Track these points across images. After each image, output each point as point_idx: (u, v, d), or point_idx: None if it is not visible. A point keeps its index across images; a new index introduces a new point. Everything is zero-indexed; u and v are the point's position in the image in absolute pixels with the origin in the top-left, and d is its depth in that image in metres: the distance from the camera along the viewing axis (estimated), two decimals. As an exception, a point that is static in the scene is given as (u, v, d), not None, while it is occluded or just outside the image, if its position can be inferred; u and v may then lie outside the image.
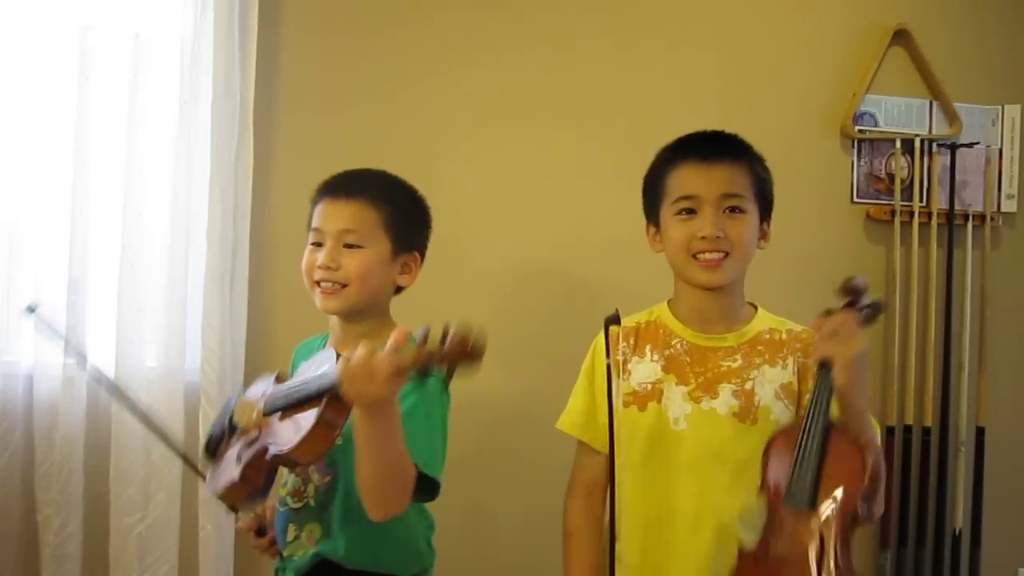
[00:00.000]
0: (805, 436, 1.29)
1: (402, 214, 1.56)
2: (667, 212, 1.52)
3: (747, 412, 1.44)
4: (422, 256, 1.62)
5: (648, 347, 1.55)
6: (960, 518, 2.68)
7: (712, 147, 1.53)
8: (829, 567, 1.24)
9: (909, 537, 2.66)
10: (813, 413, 1.30)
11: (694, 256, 1.47)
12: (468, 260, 2.38)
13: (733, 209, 1.48)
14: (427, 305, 1.60)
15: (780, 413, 1.44)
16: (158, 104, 2.20)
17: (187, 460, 1.70)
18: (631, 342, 1.56)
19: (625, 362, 1.54)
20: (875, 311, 1.34)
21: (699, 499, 1.45)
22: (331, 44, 2.39)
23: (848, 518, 1.27)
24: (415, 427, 1.34)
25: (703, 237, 1.46)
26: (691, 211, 1.48)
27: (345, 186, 1.56)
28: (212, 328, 2.18)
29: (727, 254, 1.46)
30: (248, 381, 1.87)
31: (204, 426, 2.11)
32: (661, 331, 1.55)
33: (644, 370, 1.53)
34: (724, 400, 1.45)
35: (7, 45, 2.13)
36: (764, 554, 1.29)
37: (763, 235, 1.55)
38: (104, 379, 1.98)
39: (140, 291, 2.18)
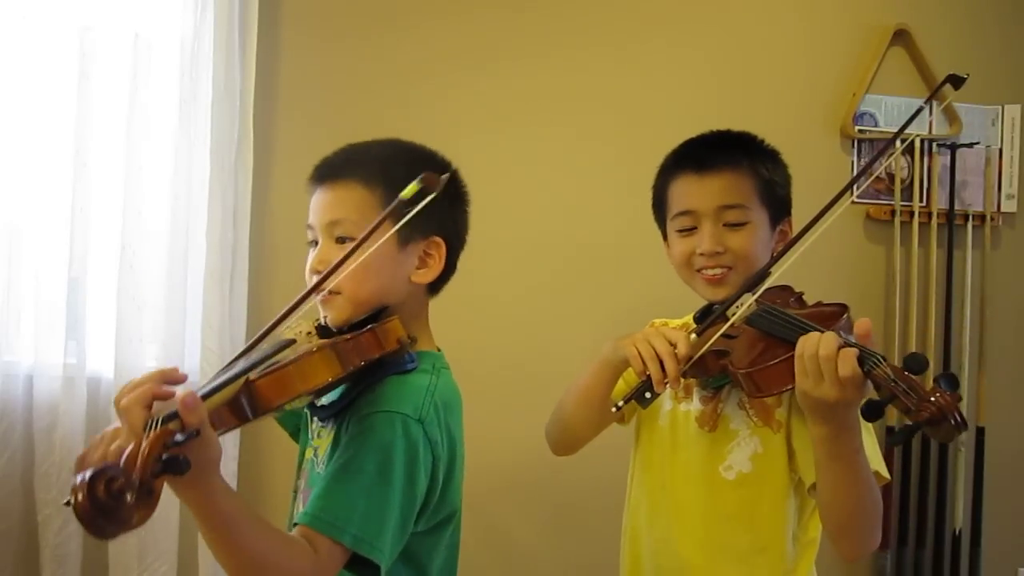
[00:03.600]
0: None
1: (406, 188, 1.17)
2: (670, 227, 1.48)
3: (707, 418, 1.41)
4: (451, 241, 1.27)
5: None
6: (960, 518, 2.68)
7: (707, 154, 1.45)
8: None
9: (909, 537, 2.66)
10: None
11: (698, 271, 1.42)
12: (470, 264, 2.37)
13: (735, 223, 1.40)
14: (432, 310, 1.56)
15: (740, 424, 1.38)
16: (158, 104, 2.21)
17: None
18: None
19: None
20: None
21: (661, 502, 1.45)
22: (331, 44, 2.39)
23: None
24: (348, 487, 1.09)
25: (702, 253, 1.40)
26: (691, 227, 1.42)
27: (331, 168, 1.26)
28: (212, 328, 2.18)
29: (730, 268, 1.40)
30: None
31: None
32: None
33: None
34: (694, 404, 1.43)
35: (7, 45, 2.13)
36: None
37: (780, 237, 1.46)
38: None
39: (140, 291, 2.18)
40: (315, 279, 1.15)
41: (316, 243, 1.24)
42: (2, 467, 2.10)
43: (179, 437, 0.87)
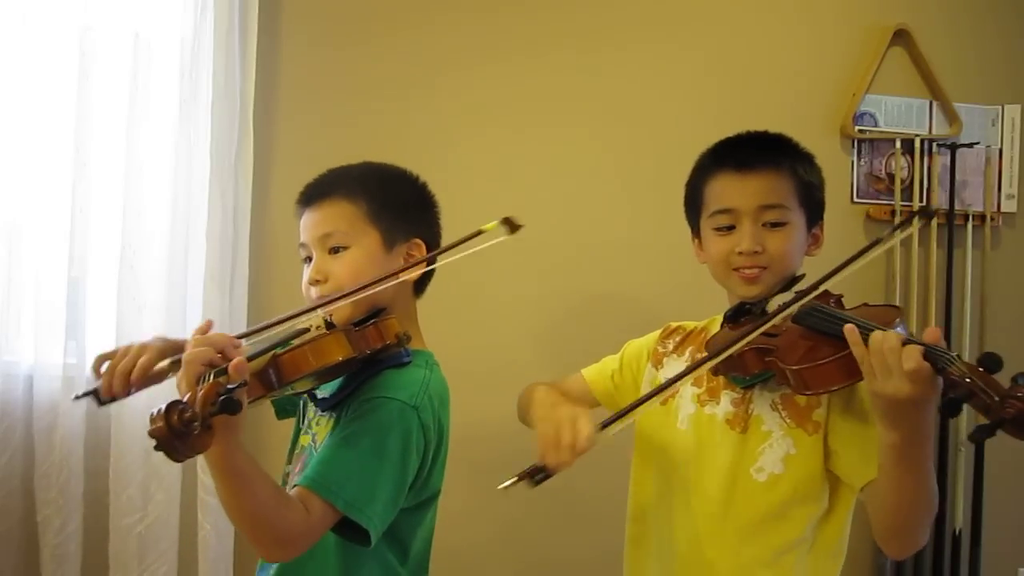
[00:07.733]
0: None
1: (387, 199, 1.40)
2: (706, 225, 1.47)
3: (738, 420, 1.39)
4: (429, 242, 1.44)
5: (689, 350, 1.53)
6: (960, 518, 2.68)
7: (748, 154, 1.45)
8: None
9: (909, 537, 2.65)
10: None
11: (735, 269, 1.42)
12: (471, 263, 2.37)
13: (774, 223, 1.41)
14: (433, 311, 1.54)
15: (773, 425, 1.36)
16: (158, 104, 2.21)
17: None
18: (677, 340, 1.56)
19: (664, 355, 1.55)
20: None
21: (683, 506, 1.43)
22: (331, 44, 2.39)
23: None
24: (345, 457, 1.23)
25: (740, 252, 1.40)
26: (730, 226, 1.42)
27: (316, 189, 1.42)
28: (212, 328, 2.18)
29: (765, 267, 1.40)
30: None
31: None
32: (703, 336, 1.53)
33: (673, 367, 1.52)
34: (723, 407, 1.41)
35: (7, 45, 2.13)
36: None
37: (814, 240, 1.47)
38: None
39: (140, 291, 2.18)
40: (312, 291, 1.36)
41: (310, 259, 1.39)
42: (2, 467, 2.10)
43: (231, 385, 1.03)
